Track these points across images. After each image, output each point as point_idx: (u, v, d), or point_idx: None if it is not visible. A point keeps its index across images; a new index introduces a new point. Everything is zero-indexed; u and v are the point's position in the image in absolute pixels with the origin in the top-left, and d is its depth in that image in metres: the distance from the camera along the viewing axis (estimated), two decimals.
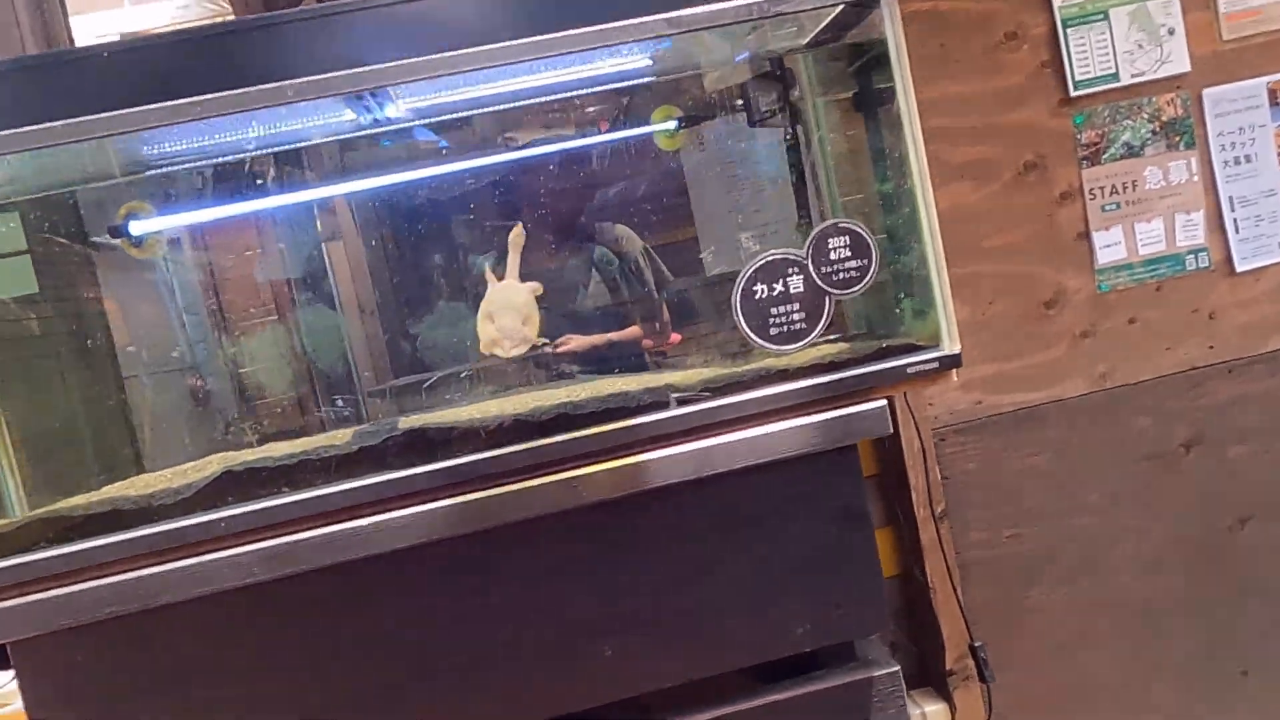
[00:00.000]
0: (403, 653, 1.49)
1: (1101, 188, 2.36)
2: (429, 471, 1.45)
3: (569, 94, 1.79)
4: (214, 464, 1.50)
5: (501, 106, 1.77)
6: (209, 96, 1.37)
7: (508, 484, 1.46)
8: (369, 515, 1.43)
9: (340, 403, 2.01)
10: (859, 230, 1.51)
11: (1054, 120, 2.33)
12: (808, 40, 1.72)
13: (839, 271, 1.51)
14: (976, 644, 2.04)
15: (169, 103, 1.37)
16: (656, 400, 1.51)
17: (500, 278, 1.74)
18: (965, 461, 2.16)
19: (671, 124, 1.90)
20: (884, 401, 1.53)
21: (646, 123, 1.94)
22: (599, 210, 2.11)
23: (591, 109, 1.98)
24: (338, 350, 2.03)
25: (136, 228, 1.75)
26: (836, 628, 1.57)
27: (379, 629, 1.49)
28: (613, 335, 2.11)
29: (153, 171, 1.71)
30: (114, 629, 1.42)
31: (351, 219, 2.11)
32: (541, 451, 1.47)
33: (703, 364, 1.73)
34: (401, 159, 1.92)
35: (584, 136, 2.01)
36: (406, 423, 1.52)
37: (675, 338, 2.13)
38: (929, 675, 2.20)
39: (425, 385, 1.97)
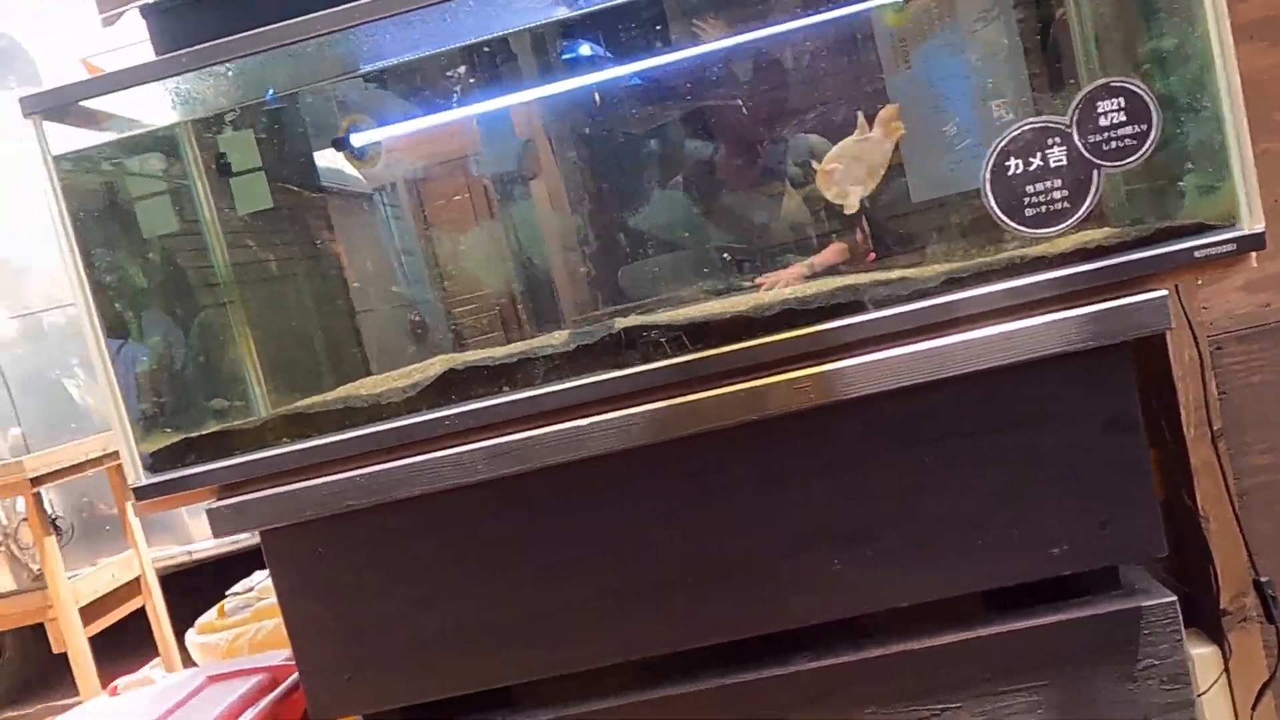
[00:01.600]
0: (620, 559, 1.46)
1: None
2: (648, 370, 1.38)
3: None
4: (437, 365, 1.50)
5: None
6: None
7: (728, 384, 1.37)
8: (588, 415, 1.39)
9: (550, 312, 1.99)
10: (1136, 89, 1.29)
11: None
12: None
13: (1110, 140, 1.30)
14: (1263, 579, 1.78)
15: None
16: (891, 294, 1.37)
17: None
18: (1248, 374, 1.86)
19: None
20: (1164, 291, 1.31)
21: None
22: (788, 114, 1.97)
23: None
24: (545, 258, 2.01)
25: (358, 139, 1.79)
26: (1102, 549, 1.39)
27: (598, 533, 1.46)
28: (815, 259, 1.97)
29: (370, 74, 1.71)
30: (351, 521, 1.46)
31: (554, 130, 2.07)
32: (765, 350, 1.37)
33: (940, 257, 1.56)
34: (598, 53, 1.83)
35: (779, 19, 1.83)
36: (623, 323, 1.47)
37: (870, 257, 1.97)
38: (1197, 616, 1.94)
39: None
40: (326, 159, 1.85)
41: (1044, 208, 1.32)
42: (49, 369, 4.37)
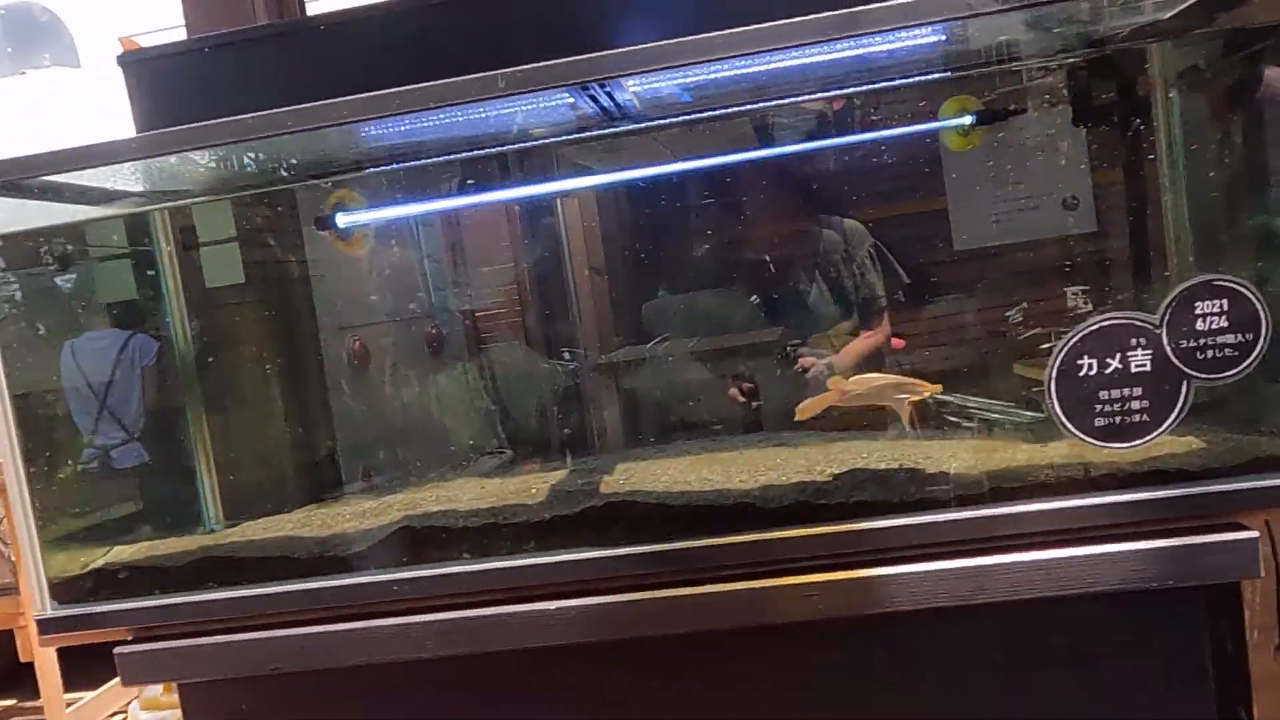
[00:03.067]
0: None
1: None
2: (635, 555, 1.18)
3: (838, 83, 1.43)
4: (395, 514, 1.31)
5: (749, 103, 1.44)
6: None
7: (726, 582, 1.17)
8: (558, 598, 1.19)
9: None
10: (1245, 291, 1.07)
11: None
12: (1171, 16, 1.26)
13: (1208, 347, 1.08)
14: None
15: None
16: (927, 495, 1.16)
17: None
18: None
19: (966, 119, 1.49)
20: (1254, 533, 1.10)
21: (897, 109, 1.55)
22: (831, 204, 1.81)
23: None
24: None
25: (344, 220, 1.60)
26: None
27: None
28: (856, 346, 1.80)
29: (371, 165, 1.53)
30: (281, 682, 1.27)
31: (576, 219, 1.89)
32: (773, 547, 1.16)
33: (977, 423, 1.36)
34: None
35: (832, 125, 1.65)
36: (609, 486, 1.27)
37: (898, 343, 1.79)
38: None
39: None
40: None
41: (1118, 418, 1.11)
42: None
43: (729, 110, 1.40)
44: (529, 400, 1.85)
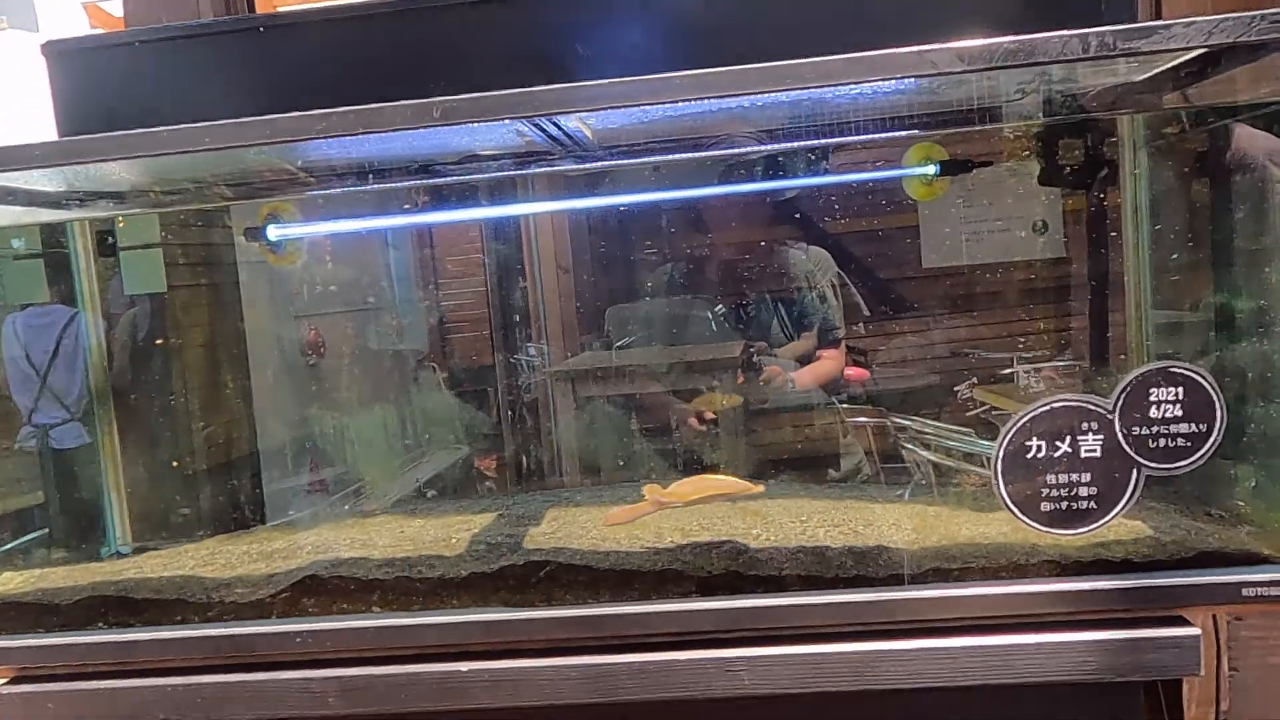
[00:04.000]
0: None
1: None
2: (554, 619, 1.12)
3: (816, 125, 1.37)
4: (304, 560, 1.23)
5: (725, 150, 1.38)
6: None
7: (646, 652, 1.11)
8: (472, 660, 1.12)
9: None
10: (1201, 381, 1.03)
11: None
12: (1149, 77, 1.21)
13: (1160, 436, 1.04)
14: None
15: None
16: (863, 571, 1.10)
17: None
18: (1266, 653, 1.61)
19: (930, 169, 1.44)
20: (1196, 630, 1.05)
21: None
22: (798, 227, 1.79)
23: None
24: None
25: (275, 233, 1.51)
26: None
27: None
28: (817, 368, 1.78)
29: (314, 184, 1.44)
30: None
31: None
32: (696, 618, 1.10)
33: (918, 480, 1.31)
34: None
35: (808, 164, 1.61)
36: (531, 542, 1.20)
37: (856, 373, 1.79)
38: None
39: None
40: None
41: (1064, 504, 1.06)
42: None
43: (678, 155, 1.32)
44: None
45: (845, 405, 1.80)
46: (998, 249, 1.52)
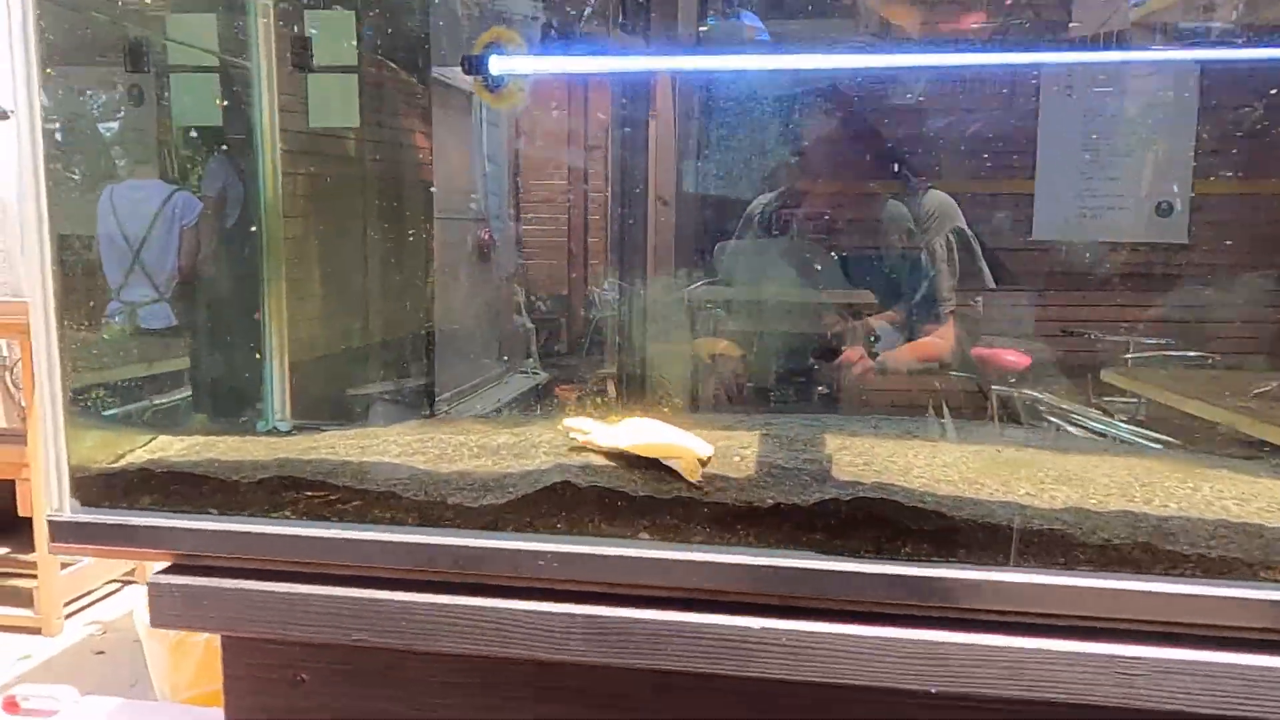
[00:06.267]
0: None
1: None
2: (891, 576, 0.84)
3: None
4: (543, 454, 0.97)
5: None
6: None
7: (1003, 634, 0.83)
8: (758, 616, 0.86)
9: None
10: None
11: None
12: None
13: None
14: None
15: None
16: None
17: None
18: None
19: None
20: None
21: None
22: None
23: None
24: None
25: (497, 65, 1.23)
26: None
27: None
28: (918, 349, 1.46)
29: None
30: (358, 656, 0.95)
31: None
32: (1087, 598, 0.82)
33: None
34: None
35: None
36: (842, 473, 0.92)
37: (1018, 361, 1.46)
38: None
39: None
40: None
41: None
42: None
43: None
44: None
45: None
46: None
